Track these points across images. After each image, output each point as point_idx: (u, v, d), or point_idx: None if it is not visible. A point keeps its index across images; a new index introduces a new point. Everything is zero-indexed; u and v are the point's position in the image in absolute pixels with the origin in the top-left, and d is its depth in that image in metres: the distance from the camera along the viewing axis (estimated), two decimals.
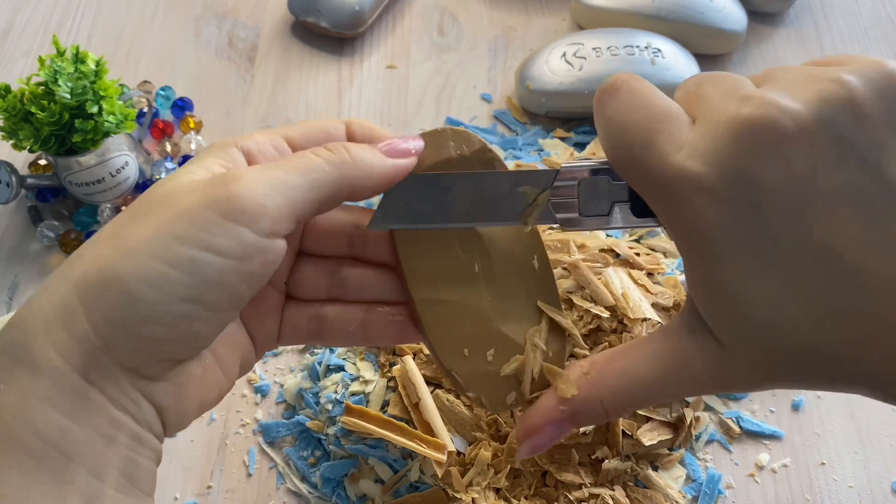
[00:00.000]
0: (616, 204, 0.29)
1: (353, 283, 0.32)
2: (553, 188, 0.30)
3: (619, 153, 0.27)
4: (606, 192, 0.29)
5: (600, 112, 0.28)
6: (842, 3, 0.63)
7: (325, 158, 0.27)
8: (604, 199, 0.29)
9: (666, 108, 0.27)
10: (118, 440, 0.25)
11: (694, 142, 0.25)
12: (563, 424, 0.30)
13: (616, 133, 0.27)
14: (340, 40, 0.60)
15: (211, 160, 0.28)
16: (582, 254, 0.43)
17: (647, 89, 0.28)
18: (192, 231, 0.25)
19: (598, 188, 0.29)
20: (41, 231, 0.49)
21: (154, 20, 0.61)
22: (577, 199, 0.30)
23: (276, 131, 0.30)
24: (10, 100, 0.45)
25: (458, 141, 0.32)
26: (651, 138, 0.26)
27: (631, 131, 0.27)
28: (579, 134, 0.54)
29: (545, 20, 0.61)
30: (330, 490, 0.40)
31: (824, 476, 0.41)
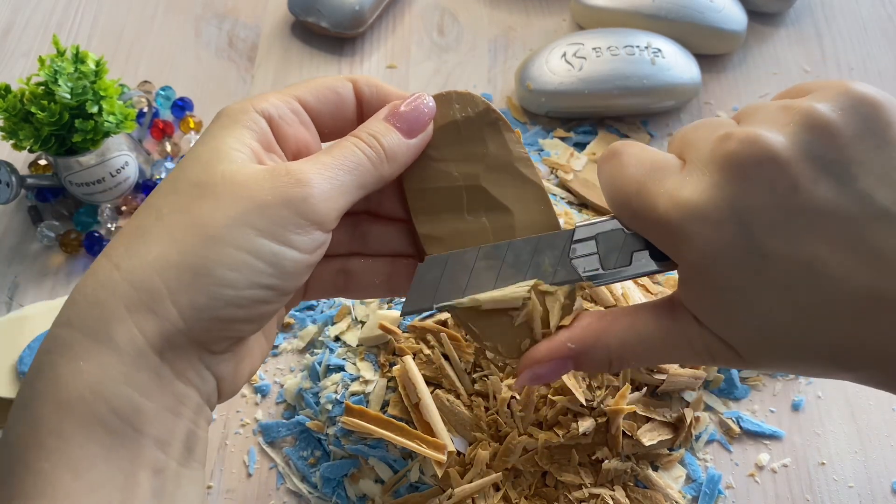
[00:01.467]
0: (634, 252, 0.31)
1: (373, 238, 0.34)
2: (572, 248, 0.31)
3: (620, 207, 0.30)
4: (623, 244, 0.31)
5: (602, 176, 0.31)
6: (842, 3, 0.63)
7: (367, 156, 0.29)
8: (622, 250, 0.31)
9: (656, 160, 0.29)
10: (183, 414, 0.27)
11: (683, 180, 0.28)
12: (567, 362, 0.31)
13: (615, 190, 0.30)
14: (340, 40, 0.60)
15: (242, 131, 0.29)
16: None
17: (640, 149, 0.30)
18: (274, 227, 0.27)
19: (615, 241, 0.31)
20: (41, 231, 0.49)
21: (154, 20, 0.61)
22: (598, 255, 0.31)
23: (289, 92, 0.31)
24: (10, 100, 0.45)
25: (463, 103, 0.33)
26: (644, 186, 0.29)
27: (626, 185, 0.29)
28: (579, 134, 0.54)
29: (545, 20, 0.61)
30: (330, 490, 0.40)
31: (824, 476, 0.41)
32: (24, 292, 0.48)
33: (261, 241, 0.26)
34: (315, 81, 0.31)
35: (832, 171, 0.26)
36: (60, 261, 0.49)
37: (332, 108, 0.31)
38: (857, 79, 0.58)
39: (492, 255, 0.32)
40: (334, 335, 0.45)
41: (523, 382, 0.32)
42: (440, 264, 0.32)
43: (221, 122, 0.29)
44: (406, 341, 0.42)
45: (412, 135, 0.31)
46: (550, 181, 0.51)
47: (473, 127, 0.33)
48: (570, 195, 0.51)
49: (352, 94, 0.32)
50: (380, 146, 0.30)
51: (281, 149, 0.30)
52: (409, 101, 0.31)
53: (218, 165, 0.28)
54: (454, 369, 0.41)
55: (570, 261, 0.31)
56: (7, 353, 0.44)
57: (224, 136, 0.29)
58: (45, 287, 0.48)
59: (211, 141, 0.29)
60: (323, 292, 0.35)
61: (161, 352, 0.26)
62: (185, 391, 0.27)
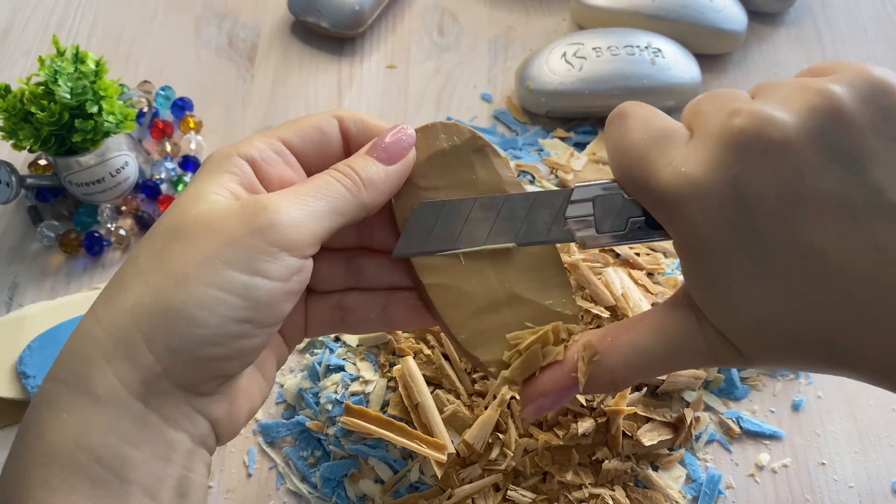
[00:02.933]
0: (631, 219, 0.30)
1: (369, 272, 0.34)
2: (569, 207, 0.31)
3: (622, 172, 0.29)
4: (621, 209, 0.30)
5: (607, 137, 0.30)
6: (842, 3, 0.63)
7: (342, 183, 0.29)
8: (619, 215, 0.30)
9: (664, 127, 0.29)
10: (174, 460, 0.26)
11: (688, 153, 0.27)
12: (571, 390, 0.31)
13: (619, 154, 0.29)
14: (340, 40, 0.60)
15: (223, 176, 0.29)
16: (582, 254, 0.43)
17: (649, 113, 0.30)
18: (243, 258, 0.26)
19: (612, 205, 0.30)
20: (41, 231, 0.49)
21: (154, 20, 0.61)
22: (593, 217, 0.31)
23: (272, 134, 0.31)
24: (10, 100, 0.45)
25: (449, 133, 0.33)
26: (648, 154, 0.28)
27: (631, 150, 0.29)
28: (579, 134, 0.54)
29: (545, 20, 0.61)
30: (330, 490, 0.40)
31: (824, 476, 0.41)
32: (24, 292, 0.48)
33: (230, 273, 0.26)
34: (300, 122, 0.31)
35: (843, 160, 0.25)
36: (60, 261, 0.49)
37: (317, 147, 0.31)
38: None
39: (488, 207, 0.31)
40: (334, 335, 0.45)
41: (528, 414, 0.31)
42: (435, 211, 0.31)
43: (205, 169, 0.29)
44: (406, 341, 0.42)
45: (391, 162, 0.31)
46: (550, 181, 0.51)
47: (461, 155, 0.32)
48: None
49: (337, 131, 0.32)
50: (355, 174, 0.30)
51: (265, 189, 0.30)
52: (390, 136, 0.31)
53: (192, 209, 0.28)
54: (454, 369, 0.41)
55: (566, 220, 0.31)
56: (7, 353, 0.44)
57: (205, 182, 0.29)
58: (45, 287, 0.48)
59: (191, 188, 0.29)
60: (322, 328, 0.34)
61: (144, 398, 0.26)
62: (174, 437, 0.26)
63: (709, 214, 0.26)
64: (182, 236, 0.27)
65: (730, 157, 0.26)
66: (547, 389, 0.31)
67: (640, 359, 0.29)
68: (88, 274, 0.49)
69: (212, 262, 0.26)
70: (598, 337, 0.30)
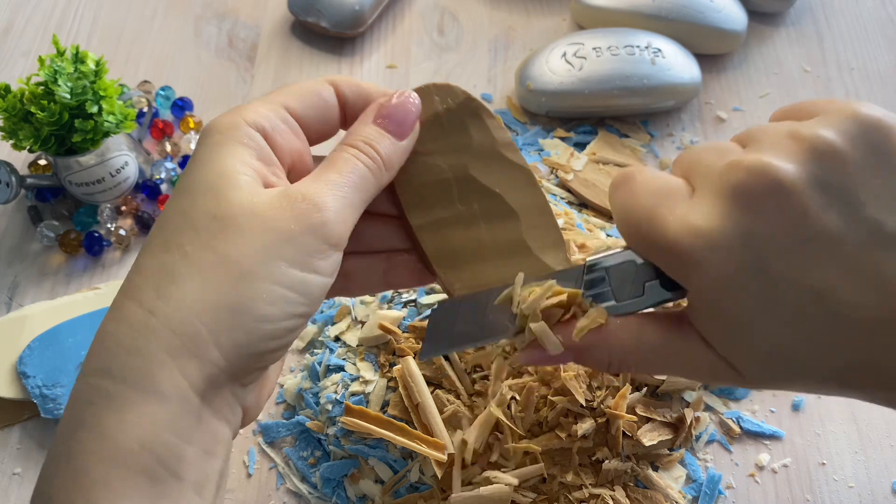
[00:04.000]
0: (646, 283, 0.31)
1: (368, 236, 0.34)
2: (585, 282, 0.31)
3: (632, 233, 0.30)
4: (635, 275, 0.31)
5: (614, 202, 0.31)
6: (842, 3, 0.62)
7: (369, 168, 0.30)
8: (634, 281, 0.31)
9: (666, 185, 0.30)
10: (217, 454, 0.27)
11: (692, 207, 0.28)
12: (568, 354, 0.31)
13: (627, 216, 0.30)
14: (340, 40, 0.60)
15: (239, 149, 0.28)
16: (582, 254, 0.43)
17: (651, 174, 0.30)
18: (301, 256, 0.27)
19: (626, 272, 0.31)
20: (41, 231, 0.49)
21: (154, 20, 0.61)
22: (610, 289, 0.31)
23: (274, 99, 0.31)
24: (10, 100, 0.45)
25: (443, 95, 0.33)
26: (656, 212, 0.29)
27: (639, 211, 0.29)
28: (579, 134, 0.54)
29: (545, 20, 0.61)
30: (330, 490, 0.40)
31: (824, 476, 0.41)
32: (24, 292, 0.48)
33: (291, 272, 0.27)
34: (299, 87, 0.31)
35: (841, 198, 0.26)
36: (60, 261, 0.49)
37: (318, 113, 0.31)
38: (857, 79, 0.58)
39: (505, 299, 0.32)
40: (334, 335, 0.45)
41: (522, 360, 0.32)
42: (452, 310, 0.32)
43: (215, 140, 0.29)
44: (406, 341, 0.42)
45: (403, 136, 0.31)
46: (550, 181, 0.51)
47: (456, 117, 0.33)
48: (571, 195, 0.51)
49: (334, 96, 0.32)
50: (377, 154, 0.30)
51: (279, 160, 0.30)
52: (395, 98, 0.31)
53: (230, 193, 0.27)
54: (454, 369, 0.41)
55: (584, 296, 0.31)
56: (7, 353, 0.44)
57: (225, 158, 0.28)
58: (45, 287, 0.48)
59: (212, 163, 0.28)
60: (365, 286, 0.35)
61: (203, 394, 0.26)
62: (219, 429, 0.27)
63: (721, 264, 0.27)
64: (234, 227, 0.27)
65: (735, 208, 0.27)
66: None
67: (639, 350, 0.30)
68: (88, 274, 0.49)
69: (272, 259, 0.26)
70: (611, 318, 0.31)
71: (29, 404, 0.43)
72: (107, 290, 0.47)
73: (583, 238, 0.44)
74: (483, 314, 0.32)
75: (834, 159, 0.26)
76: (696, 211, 0.28)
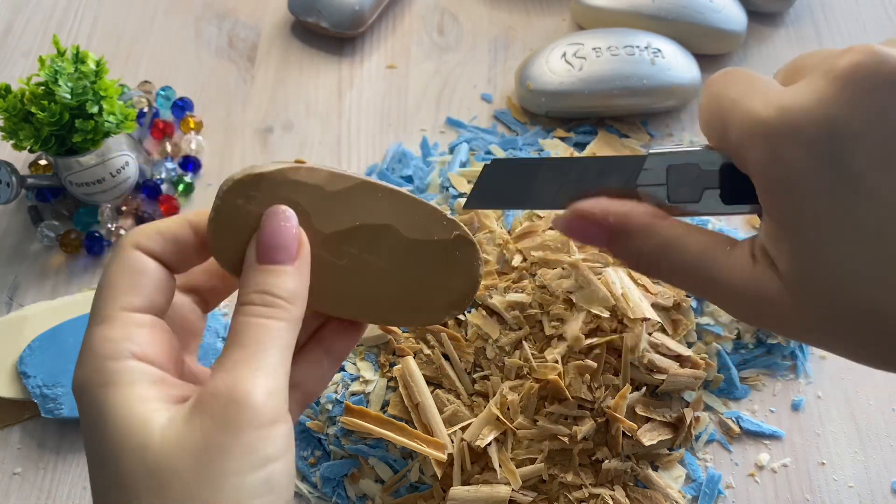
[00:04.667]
0: (706, 190, 0.29)
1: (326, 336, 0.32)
2: (642, 174, 0.29)
3: (711, 116, 0.27)
4: (696, 179, 0.29)
5: (706, 91, 0.28)
6: (842, 3, 0.63)
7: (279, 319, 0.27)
8: (693, 185, 0.29)
9: (767, 80, 0.27)
10: None
11: (787, 89, 0.25)
12: (602, 233, 0.29)
13: (712, 102, 0.27)
14: (340, 40, 0.60)
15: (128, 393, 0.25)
16: (582, 253, 0.43)
17: (748, 71, 0.28)
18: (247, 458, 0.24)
19: (687, 174, 0.29)
20: (41, 231, 0.49)
21: (154, 20, 0.61)
22: (666, 186, 0.29)
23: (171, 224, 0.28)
24: (10, 100, 0.45)
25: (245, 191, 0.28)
26: (743, 95, 0.26)
27: (725, 96, 0.26)
28: (579, 134, 0.54)
29: (545, 20, 0.61)
30: (330, 490, 0.40)
31: (824, 476, 0.41)
32: (24, 292, 0.48)
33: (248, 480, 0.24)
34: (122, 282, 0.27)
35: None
36: (60, 261, 0.49)
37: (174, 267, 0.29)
38: None
39: (556, 168, 0.30)
40: None
41: (558, 224, 0.30)
42: (504, 169, 0.31)
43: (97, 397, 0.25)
44: (406, 341, 0.42)
45: (293, 258, 0.27)
46: None
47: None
48: None
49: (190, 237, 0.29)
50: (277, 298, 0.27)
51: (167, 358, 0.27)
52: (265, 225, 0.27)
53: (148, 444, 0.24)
54: (454, 369, 0.41)
55: (637, 188, 0.29)
56: (7, 353, 0.44)
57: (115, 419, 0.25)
58: (45, 287, 0.48)
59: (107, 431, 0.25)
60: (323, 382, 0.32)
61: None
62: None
63: (801, 150, 0.23)
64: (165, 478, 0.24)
65: (835, 92, 0.23)
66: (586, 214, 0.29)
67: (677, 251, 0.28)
68: (89, 274, 0.49)
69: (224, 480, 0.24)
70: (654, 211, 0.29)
71: (29, 404, 0.43)
72: None
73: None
74: (531, 180, 0.31)
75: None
76: (788, 91, 0.25)
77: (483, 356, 0.41)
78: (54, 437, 0.43)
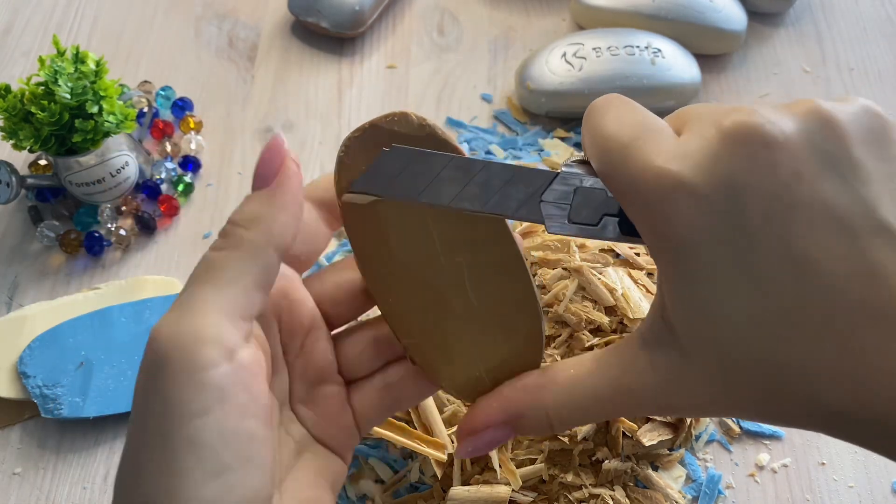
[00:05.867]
0: (605, 217, 0.29)
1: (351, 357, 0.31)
2: (549, 190, 0.29)
3: (600, 162, 0.27)
4: (599, 204, 0.28)
5: (586, 126, 0.28)
6: (842, 3, 0.63)
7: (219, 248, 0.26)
8: (595, 209, 0.29)
9: (653, 122, 0.27)
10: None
11: (677, 146, 0.25)
12: (504, 429, 0.29)
13: (598, 142, 0.27)
14: (340, 40, 0.60)
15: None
16: (582, 253, 0.43)
17: (633, 106, 0.27)
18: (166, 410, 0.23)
19: (592, 198, 0.29)
20: (41, 231, 0.49)
21: (154, 20, 0.61)
22: (569, 205, 0.29)
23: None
24: (10, 100, 0.45)
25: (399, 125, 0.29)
26: (632, 144, 0.26)
27: (612, 140, 0.26)
28: (579, 134, 0.54)
29: (545, 20, 0.61)
30: None
31: (824, 476, 0.41)
32: (24, 292, 0.48)
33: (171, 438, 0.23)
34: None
35: (838, 169, 0.24)
36: (60, 261, 0.49)
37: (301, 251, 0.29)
38: (856, 79, 0.58)
39: (462, 168, 0.28)
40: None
41: (462, 455, 0.29)
42: (406, 158, 0.28)
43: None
44: None
45: (266, 182, 0.27)
46: None
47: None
48: None
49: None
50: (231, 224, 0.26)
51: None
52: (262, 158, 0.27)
53: None
54: None
55: (540, 202, 0.29)
56: (7, 353, 0.44)
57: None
58: (45, 287, 0.48)
59: None
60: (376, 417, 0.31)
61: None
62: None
63: (696, 211, 0.24)
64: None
65: (726, 152, 0.24)
66: (480, 426, 0.29)
67: (580, 399, 0.27)
68: (88, 274, 0.49)
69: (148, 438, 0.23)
70: (539, 372, 0.29)
71: (29, 404, 0.43)
72: (107, 290, 0.47)
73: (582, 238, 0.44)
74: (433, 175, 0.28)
75: (834, 129, 0.24)
76: (678, 149, 0.25)
77: None
78: (54, 437, 0.43)
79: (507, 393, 0.29)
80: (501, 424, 0.29)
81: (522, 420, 0.28)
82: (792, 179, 0.23)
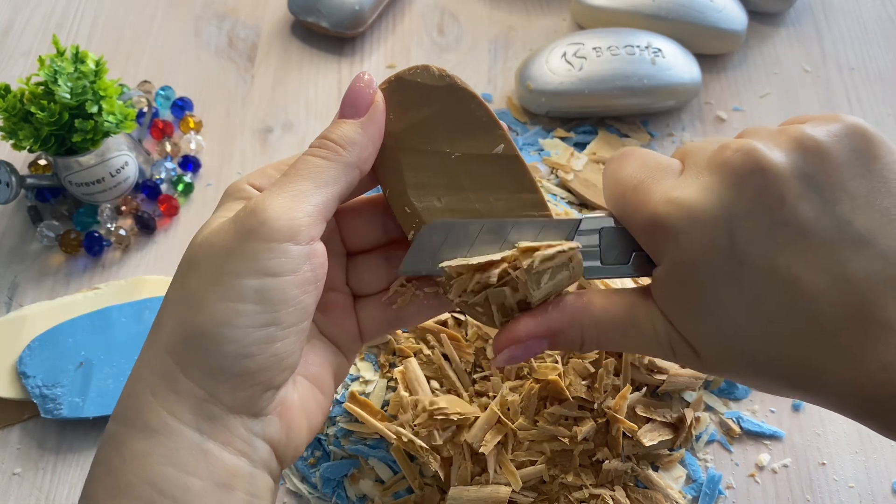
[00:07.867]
0: (635, 253, 0.31)
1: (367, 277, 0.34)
2: (577, 237, 0.31)
3: (615, 202, 0.31)
4: (625, 242, 0.31)
5: (607, 173, 0.32)
6: (842, 3, 0.62)
7: (320, 156, 0.29)
8: (623, 248, 0.31)
9: (659, 162, 0.30)
10: (236, 487, 0.27)
11: (680, 182, 0.29)
12: (542, 341, 0.31)
13: (614, 184, 0.31)
14: (340, 40, 0.60)
15: (234, 203, 0.30)
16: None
17: (648, 153, 0.31)
18: (248, 263, 0.27)
19: (617, 238, 0.31)
20: (41, 231, 0.49)
21: (154, 20, 0.61)
22: (599, 248, 0.31)
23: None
24: (10, 100, 0.45)
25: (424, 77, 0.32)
26: (642, 183, 0.30)
27: (626, 181, 0.30)
28: (579, 134, 0.54)
29: (545, 20, 0.61)
30: (330, 490, 0.40)
31: (825, 476, 0.41)
32: (24, 292, 0.48)
33: (241, 283, 0.27)
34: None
35: (818, 191, 0.27)
36: (60, 261, 0.49)
37: None
38: (857, 79, 0.58)
39: (495, 230, 0.31)
40: None
41: (500, 363, 0.32)
42: (443, 230, 0.31)
43: (220, 203, 0.31)
44: (406, 341, 0.42)
45: (358, 114, 0.31)
46: (550, 181, 0.51)
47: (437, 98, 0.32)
48: (571, 195, 0.51)
49: None
50: (328, 140, 0.30)
51: None
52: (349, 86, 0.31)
53: (198, 237, 0.29)
54: (454, 369, 0.41)
55: None
56: (7, 353, 0.44)
57: (216, 213, 0.30)
58: (45, 287, 0.48)
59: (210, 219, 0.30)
60: (378, 330, 0.34)
61: (198, 426, 0.27)
62: (234, 462, 0.27)
63: (699, 240, 0.27)
64: (194, 263, 0.28)
65: (718, 184, 0.28)
66: (520, 337, 0.31)
67: (608, 326, 0.30)
68: (88, 274, 0.49)
69: (221, 278, 0.27)
70: (576, 295, 0.31)
71: (29, 404, 0.43)
72: (107, 290, 0.47)
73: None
74: (470, 243, 0.31)
75: (817, 154, 0.27)
76: (682, 185, 0.29)
77: (483, 356, 0.41)
78: (54, 437, 0.43)
79: (551, 311, 0.31)
80: (541, 337, 0.31)
81: (561, 335, 0.31)
82: (775, 204, 0.27)
